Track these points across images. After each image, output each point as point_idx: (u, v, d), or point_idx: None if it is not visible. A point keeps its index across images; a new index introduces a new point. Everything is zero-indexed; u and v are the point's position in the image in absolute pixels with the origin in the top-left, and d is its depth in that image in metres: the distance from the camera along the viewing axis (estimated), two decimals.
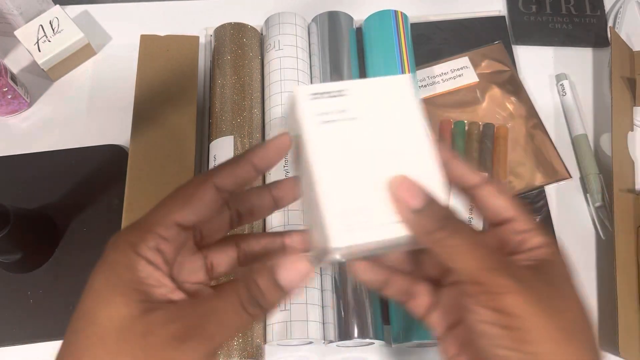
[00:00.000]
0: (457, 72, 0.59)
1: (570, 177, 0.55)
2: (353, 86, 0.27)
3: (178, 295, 0.24)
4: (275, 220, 0.48)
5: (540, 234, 0.26)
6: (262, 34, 0.58)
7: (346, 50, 0.56)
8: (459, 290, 0.28)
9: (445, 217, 0.25)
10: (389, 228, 0.24)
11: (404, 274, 0.31)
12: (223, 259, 0.29)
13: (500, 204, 0.27)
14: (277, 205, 0.30)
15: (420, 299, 0.31)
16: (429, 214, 0.24)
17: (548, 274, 0.25)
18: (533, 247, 0.26)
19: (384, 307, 0.48)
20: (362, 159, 0.25)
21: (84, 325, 0.23)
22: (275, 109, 0.52)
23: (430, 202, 0.25)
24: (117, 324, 0.22)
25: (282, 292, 0.24)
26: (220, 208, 0.27)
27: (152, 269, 0.24)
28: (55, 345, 0.24)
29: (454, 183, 0.28)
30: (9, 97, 0.55)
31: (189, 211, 0.25)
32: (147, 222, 0.25)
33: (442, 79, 0.59)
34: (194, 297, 0.25)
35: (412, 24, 0.59)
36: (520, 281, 0.24)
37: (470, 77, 0.59)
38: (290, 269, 0.24)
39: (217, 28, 0.57)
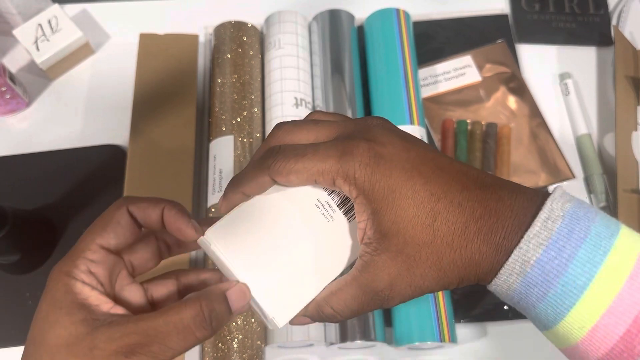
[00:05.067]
0: (459, 71, 0.59)
1: (574, 177, 0.54)
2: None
3: (120, 311, 0.26)
4: None
5: (342, 183, 0.26)
6: (262, 33, 0.58)
7: (347, 49, 0.55)
8: None
9: None
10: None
11: None
12: (163, 292, 0.30)
13: (300, 182, 0.26)
14: None
15: None
16: None
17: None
18: None
19: (386, 308, 0.48)
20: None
21: (35, 348, 0.24)
22: (276, 108, 0.52)
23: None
24: (65, 341, 0.24)
25: (231, 316, 0.26)
26: (140, 233, 0.28)
27: (89, 289, 0.25)
28: None
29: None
30: (8, 96, 0.55)
31: (109, 234, 0.27)
32: (76, 250, 0.26)
33: (444, 78, 0.58)
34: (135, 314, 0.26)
35: (414, 23, 0.59)
36: None
37: (472, 76, 0.59)
38: (239, 295, 0.26)
39: (217, 26, 0.56)
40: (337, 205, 0.27)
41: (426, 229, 0.24)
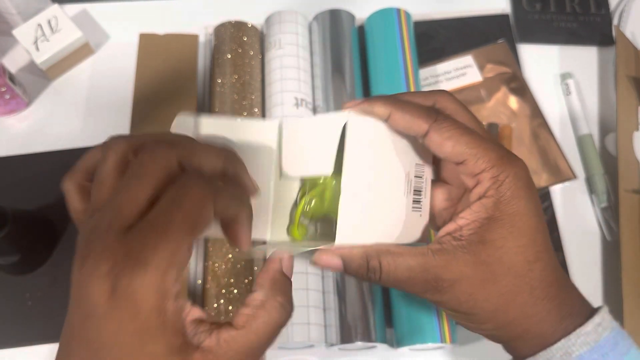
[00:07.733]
0: (460, 71, 0.59)
1: (576, 177, 0.54)
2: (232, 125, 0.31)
3: (195, 314, 0.24)
4: None
5: (487, 178, 0.26)
6: (262, 33, 0.58)
7: (348, 49, 0.55)
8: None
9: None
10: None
11: None
12: None
13: (449, 150, 0.26)
14: None
15: None
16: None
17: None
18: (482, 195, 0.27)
19: (387, 309, 0.48)
20: None
21: None
22: (276, 108, 0.52)
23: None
24: None
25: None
26: None
27: (179, 304, 0.21)
28: (52, 348, 0.23)
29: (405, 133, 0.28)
30: (7, 97, 0.55)
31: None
32: (164, 251, 0.20)
33: (445, 78, 0.58)
34: None
35: (415, 23, 0.59)
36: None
37: (473, 76, 0.58)
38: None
39: (217, 26, 0.56)
40: (412, 191, 0.28)
41: (523, 263, 0.25)
